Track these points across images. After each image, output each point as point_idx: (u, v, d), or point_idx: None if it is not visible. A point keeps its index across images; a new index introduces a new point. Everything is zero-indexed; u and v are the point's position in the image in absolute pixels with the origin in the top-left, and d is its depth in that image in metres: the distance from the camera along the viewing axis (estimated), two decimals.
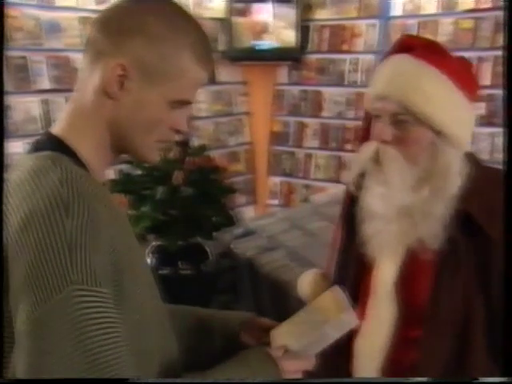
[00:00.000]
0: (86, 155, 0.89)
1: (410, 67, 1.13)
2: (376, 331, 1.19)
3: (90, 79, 0.89)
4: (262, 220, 3.55)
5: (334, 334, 1.00)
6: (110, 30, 0.88)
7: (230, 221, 3.16)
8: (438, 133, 1.12)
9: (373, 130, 1.18)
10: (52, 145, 0.88)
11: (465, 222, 1.12)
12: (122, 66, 0.86)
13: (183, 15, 0.92)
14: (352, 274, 1.27)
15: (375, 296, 1.20)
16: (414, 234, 1.14)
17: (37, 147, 0.90)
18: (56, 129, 0.91)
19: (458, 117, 1.14)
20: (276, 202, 4.94)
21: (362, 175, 1.21)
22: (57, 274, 0.73)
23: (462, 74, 1.16)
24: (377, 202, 1.16)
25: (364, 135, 1.25)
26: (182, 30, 0.89)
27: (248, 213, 4.75)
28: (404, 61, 1.15)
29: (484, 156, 3.93)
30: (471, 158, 1.18)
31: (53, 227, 0.75)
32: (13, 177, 0.87)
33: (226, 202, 3.27)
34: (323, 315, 1.01)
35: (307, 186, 4.87)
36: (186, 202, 3.04)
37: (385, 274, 1.19)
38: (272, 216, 3.66)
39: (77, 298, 0.73)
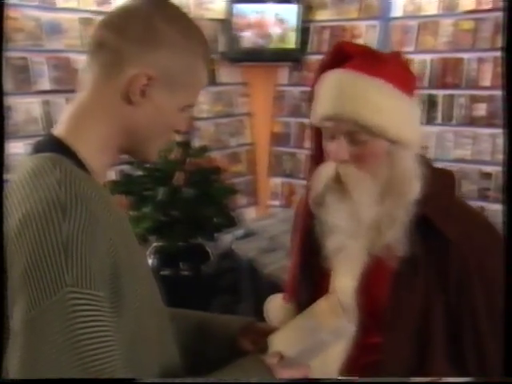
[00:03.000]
0: (88, 156, 0.89)
1: (356, 83, 1.12)
2: None
3: (104, 83, 0.90)
4: (263, 221, 3.55)
5: (330, 341, 1.00)
6: (131, 38, 0.89)
7: (231, 222, 3.16)
8: (392, 141, 1.13)
9: (328, 150, 1.17)
10: (53, 146, 0.89)
11: (422, 225, 1.13)
12: (148, 76, 0.89)
13: (189, 21, 0.95)
14: (312, 285, 1.26)
15: None
16: (380, 243, 1.15)
17: (38, 148, 0.90)
18: (57, 130, 0.92)
19: (408, 120, 1.15)
20: (277, 202, 4.93)
21: (322, 193, 1.20)
22: (52, 276, 0.74)
23: (401, 74, 1.16)
24: (341, 218, 1.16)
25: (317, 151, 1.24)
26: (194, 39, 0.94)
27: (249, 214, 4.75)
28: (346, 77, 1.14)
29: (485, 157, 3.93)
30: (423, 160, 1.19)
31: (49, 229, 0.76)
32: (13, 178, 0.87)
33: (227, 202, 3.27)
34: (320, 322, 1.00)
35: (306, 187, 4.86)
36: (186, 202, 3.04)
37: (344, 283, 1.19)
38: (273, 217, 3.66)
39: (71, 301, 0.74)
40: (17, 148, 3.42)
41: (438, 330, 1.14)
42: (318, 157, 1.23)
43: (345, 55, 1.17)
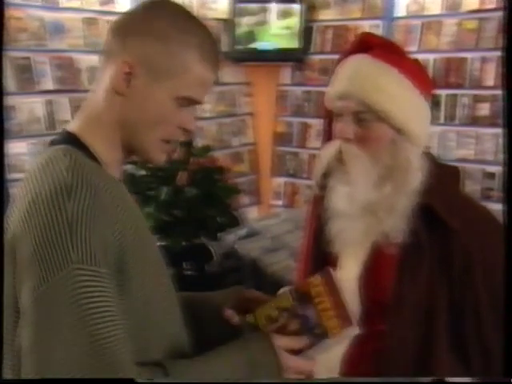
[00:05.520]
0: (100, 151, 0.93)
1: (370, 67, 1.17)
2: None
3: (101, 79, 0.95)
4: (266, 221, 3.55)
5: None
6: (120, 32, 0.94)
7: (234, 221, 3.16)
8: (398, 130, 1.15)
9: (335, 129, 1.20)
10: (66, 139, 0.94)
11: (426, 215, 1.15)
12: (128, 64, 0.91)
13: (191, 19, 0.97)
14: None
15: None
16: (379, 230, 1.17)
17: (53, 142, 0.95)
18: (71, 126, 0.96)
19: (417, 114, 1.19)
20: (280, 202, 4.94)
21: (326, 175, 1.24)
22: (58, 254, 0.78)
23: (418, 74, 1.20)
24: (341, 200, 1.19)
25: (326, 134, 1.28)
26: (188, 31, 0.93)
27: (252, 213, 4.75)
28: (363, 61, 1.19)
29: (489, 157, 3.93)
30: (429, 157, 1.21)
31: (55, 210, 0.80)
32: (28, 168, 0.94)
33: (230, 202, 3.27)
34: (324, 327, 1.00)
35: (311, 187, 4.86)
36: (190, 202, 3.04)
37: (349, 271, 1.20)
38: (276, 217, 3.66)
39: (77, 277, 0.78)
40: (20, 148, 3.43)
41: (442, 317, 1.15)
42: (329, 139, 1.25)
43: (368, 45, 1.21)
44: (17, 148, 3.40)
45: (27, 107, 3.49)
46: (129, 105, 0.92)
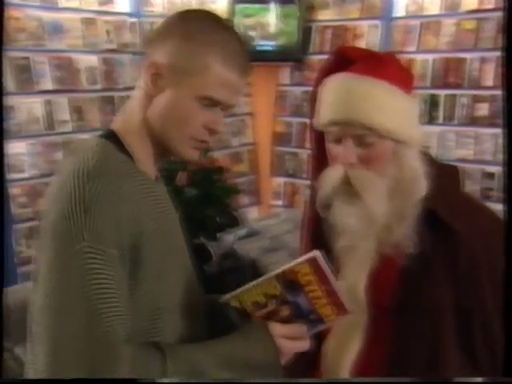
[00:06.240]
0: (133, 147, 0.99)
1: (364, 87, 1.13)
2: (346, 333, 1.20)
3: (139, 79, 1.01)
4: (265, 221, 3.55)
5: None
6: (152, 36, 1.02)
7: (233, 222, 3.16)
8: (398, 141, 1.14)
9: (331, 151, 1.17)
10: (105, 134, 1.01)
11: (429, 218, 1.15)
12: (155, 65, 0.97)
13: (219, 23, 1.00)
14: None
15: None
16: (390, 242, 1.15)
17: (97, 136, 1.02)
18: (114, 122, 1.03)
19: (411, 120, 1.18)
20: (279, 202, 4.94)
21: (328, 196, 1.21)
22: (73, 231, 0.86)
23: (401, 74, 1.18)
24: (350, 220, 1.16)
25: (317, 159, 1.25)
26: (213, 33, 0.98)
27: (251, 213, 4.75)
28: (353, 81, 1.14)
29: (488, 157, 3.93)
30: (428, 158, 1.20)
31: (76, 189, 0.88)
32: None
33: (229, 202, 3.27)
34: (318, 314, 1.00)
35: (308, 187, 4.86)
36: (189, 202, 3.03)
37: (352, 277, 1.19)
38: (275, 217, 3.66)
39: (85, 254, 0.85)
40: (19, 148, 3.43)
41: (448, 321, 1.15)
42: (321, 159, 1.23)
43: (346, 59, 1.18)
44: (16, 148, 3.40)
45: (26, 107, 3.49)
46: (156, 104, 0.97)
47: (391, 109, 1.12)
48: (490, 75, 3.94)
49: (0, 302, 0.90)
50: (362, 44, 4.45)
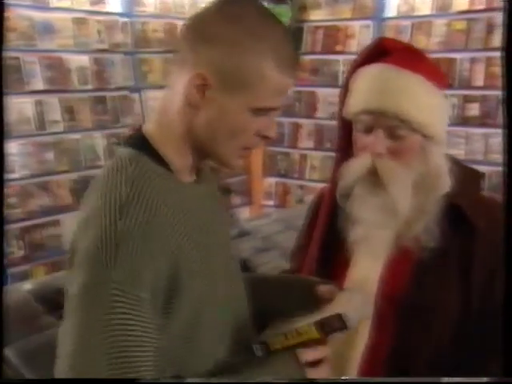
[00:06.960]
0: (169, 156, 0.92)
1: (401, 79, 1.14)
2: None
3: (176, 86, 0.91)
4: (257, 221, 3.54)
5: None
6: (192, 38, 0.90)
7: None
8: (427, 136, 1.14)
9: (358, 141, 1.18)
10: (136, 141, 0.93)
11: (450, 213, 1.16)
12: (201, 76, 0.87)
13: (264, 20, 0.91)
14: (329, 276, 1.26)
15: None
16: (409, 235, 1.16)
17: (125, 142, 0.94)
18: (146, 125, 0.95)
19: (442, 117, 1.18)
20: (271, 202, 4.94)
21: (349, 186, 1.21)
22: (102, 269, 0.80)
23: (436, 71, 1.19)
24: (370, 210, 1.16)
25: (343, 147, 1.25)
26: (263, 37, 0.88)
27: (243, 213, 4.75)
28: (390, 72, 1.15)
29: (478, 157, 3.95)
30: (451, 158, 1.21)
31: (107, 225, 0.81)
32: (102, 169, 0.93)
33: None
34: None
35: (302, 187, 4.88)
36: None
37: (365, 269, 1.19)
38: (267, 217, 3.65)
39: (113, 297, 0.79)
40: (10, 148, 3.42)
41: (454, 320, 1.14)
42: (346, 149, 1.23)
43: (382, 51, 1.18)
44: (6, 148, 3.38)
45: (17, 107, 3.48)
46: (204, 116, 0.89)
47: (425, 104, 1.13)
48: (481, 75, 3.96)
49: (0, 302, 0.86)
50: (353, 44, 4.47)
